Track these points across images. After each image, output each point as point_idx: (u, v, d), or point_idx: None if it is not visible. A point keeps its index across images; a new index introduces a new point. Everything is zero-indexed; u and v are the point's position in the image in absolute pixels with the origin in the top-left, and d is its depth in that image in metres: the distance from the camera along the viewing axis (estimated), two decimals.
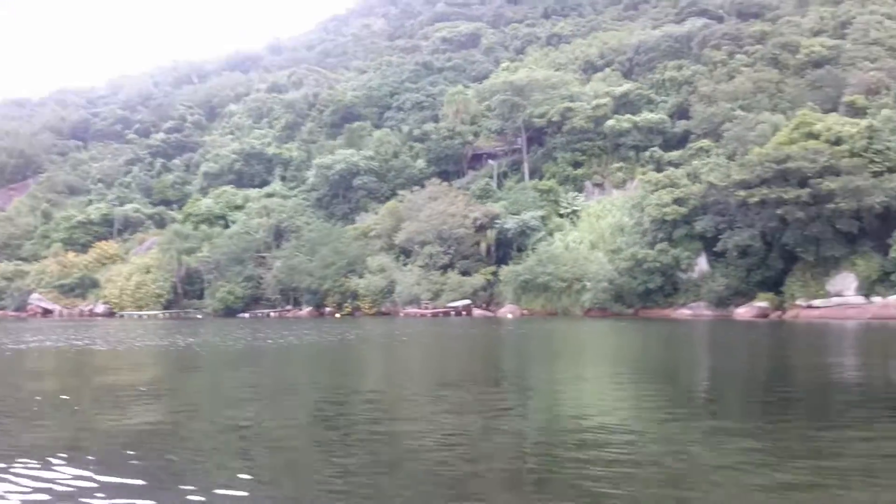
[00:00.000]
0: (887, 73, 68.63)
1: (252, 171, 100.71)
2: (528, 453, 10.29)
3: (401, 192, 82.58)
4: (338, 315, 74.54)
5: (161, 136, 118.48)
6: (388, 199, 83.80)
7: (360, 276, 74.72)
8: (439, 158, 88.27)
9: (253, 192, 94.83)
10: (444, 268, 72.50)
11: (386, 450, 10.71)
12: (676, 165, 68.53)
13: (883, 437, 10.85)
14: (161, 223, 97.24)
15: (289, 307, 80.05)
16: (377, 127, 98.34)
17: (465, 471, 9.30)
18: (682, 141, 75.57)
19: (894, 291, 50.33)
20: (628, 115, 78.22)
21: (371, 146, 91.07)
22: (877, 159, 53.54)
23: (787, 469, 8.79)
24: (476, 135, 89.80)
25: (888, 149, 54.25)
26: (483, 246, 73.50)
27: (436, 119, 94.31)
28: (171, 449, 10.71)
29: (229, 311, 79.14)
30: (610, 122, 77.72)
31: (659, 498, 7.81)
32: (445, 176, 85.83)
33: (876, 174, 52.40)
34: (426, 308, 69.95)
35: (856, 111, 62.80)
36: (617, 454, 9.84)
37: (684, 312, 58.50)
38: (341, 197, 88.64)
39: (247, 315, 78.13)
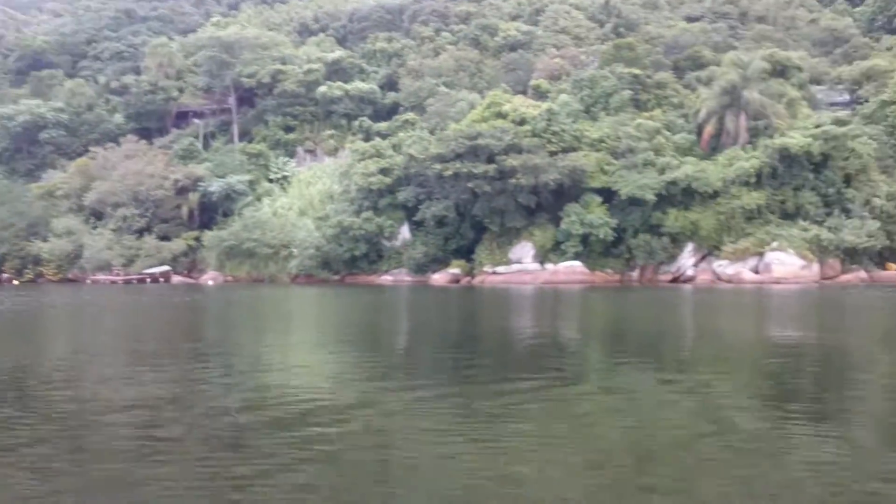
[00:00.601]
0: (569, 61, 76.55)
1: None
2: (227, 429, 9.99)
3: (94, 148, 76.18)
4: (16, 282, 67.38)
5: None
6: (79, 155, 76.84)
7: (44, 240, 68.05)
8: (140, 114, 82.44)
9: None
10: (140, 232, 68.41)
11: (66, 426, 10.09)
12: (384, 136, 70.91)
13: (558, 398, 12.06)
14: None
15: None
16: (70, 76, 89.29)
17: (155, 448, 8.97)
18: (391, 112, 78.22)
19: (563, 259, 57.27)
20: (340, 83, 78.98)
21: (62, 97, 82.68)
22: (553, 140, 60.07)
23: (477, 435, 9.41)
24: (182, 91, 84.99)
25: (563, 131, 61.00)
26: (185, 210, 70.23)
27: (137, 71, 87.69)
28: None
29: None
30: (322, 89, 77.99)
31: (359, 471, 8.11)
32: (147, 133, 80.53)
33: (552, 153, 58.78)
34: (118, 274, 65.58)
35: (540, 94, 69.60)
36: (320, 429, 9.88)
37: (387, 279, 61.32)
38: (25, 152, 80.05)
39: None
